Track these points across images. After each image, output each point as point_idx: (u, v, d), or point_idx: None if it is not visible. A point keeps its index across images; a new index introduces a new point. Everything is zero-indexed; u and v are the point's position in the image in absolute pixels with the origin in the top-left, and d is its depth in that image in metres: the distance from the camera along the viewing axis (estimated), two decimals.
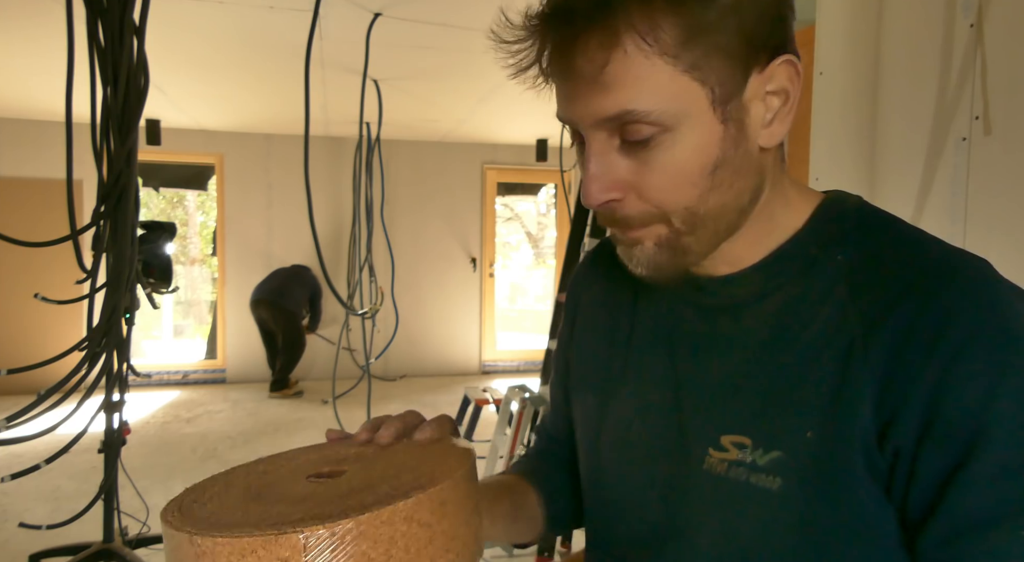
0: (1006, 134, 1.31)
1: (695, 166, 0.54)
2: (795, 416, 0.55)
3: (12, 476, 2.13)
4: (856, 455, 0.52)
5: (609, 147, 0.55)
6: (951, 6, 1.42)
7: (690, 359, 0.63)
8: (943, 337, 0.49)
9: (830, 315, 0.55)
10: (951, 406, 0.49)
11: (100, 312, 2.23)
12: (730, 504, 0.57)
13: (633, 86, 0.52)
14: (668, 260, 0.58)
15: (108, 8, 2.06)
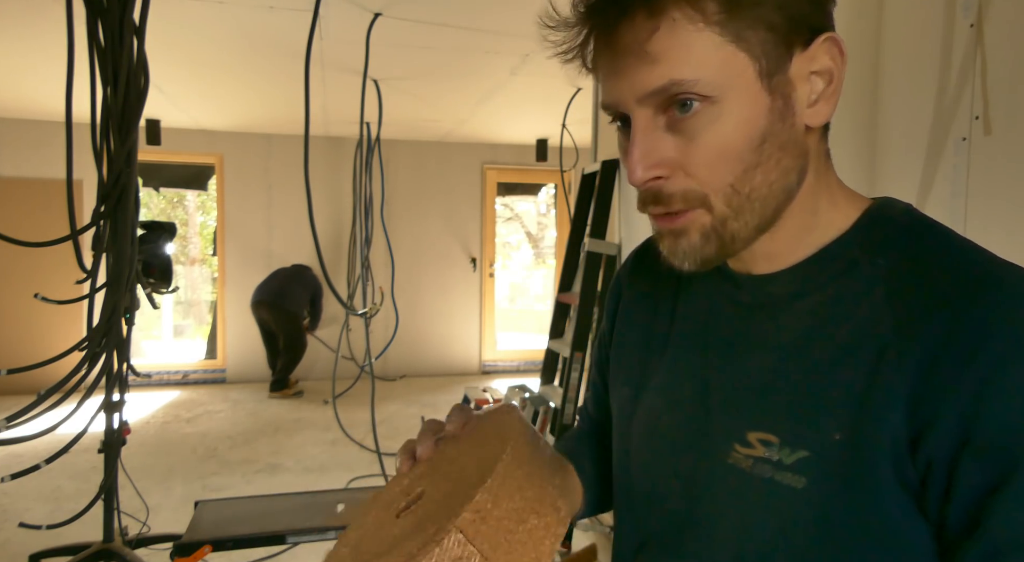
0: (1006, 134, 1.31)
1: (742, 139, 0.54)
2: (824, 417, 0.54)
3: (12, 476, 2.13)
4: (884, 462, 0.51)
5: (655, 125, 0.55)
6: (951, 6, 1.42)
7: (723, 355, 0.63)
8: (983, 348, 0.48)
9: (865, 317, 0.55)
10: (991, 420, 0.47)
11: (100, 312, 2.23)
12: (752, 499, 0.57)
13: (680, 55, 0.52)
14: (715, 252, 0.57)
15: (108, 8, 2.06)
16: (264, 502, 2.57)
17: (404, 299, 6.43)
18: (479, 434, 0.63)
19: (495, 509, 0.51)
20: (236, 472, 4.15)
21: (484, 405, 4.14)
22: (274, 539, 2.27)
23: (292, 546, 2.44)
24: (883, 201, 0.61)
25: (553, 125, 5.41)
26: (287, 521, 2.34)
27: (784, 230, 0.60)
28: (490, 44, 3.63)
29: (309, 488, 3.61)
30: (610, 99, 0.56)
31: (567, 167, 6.04)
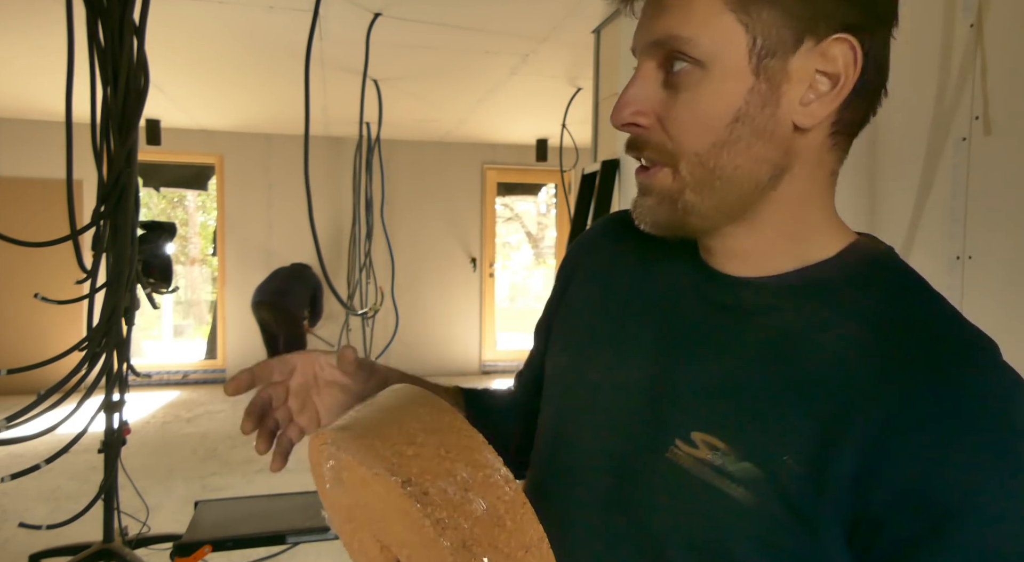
0: (1006, 134, 1.31)
1: (715, 111, 0.54)
2: (778, 437, 0.53)
3: (12, 476, 2.13)
4: (834, 500, 0.51)
5: (653, 76, 0.57)
6: (951, 6, 1.42)
7: (682, 347, 0.61)
8: (948, 414, 0.49)
9: (843, 356, 0.53)
10: (934, 480, 0.48)
11: (100, 312, 2.23)
12: (688, 497, 0.56)
13: (683, 11, 0.53)
14: (666, 217, 0.58)
15: (108, 8, 2.06)
16: (264, 502, 2.57)
17: (404, 299, 6.42)
18: None
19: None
20: (236, 472, 4.15)
21: None
22: (274, 539, 2.27)
23: (292, 546, 2.44)
24: (868, 238, 0.62)
25: (553, 125, 5.41)
26: (287, 521, 2.34)
27: (763, 231, 0.59)
28: (490, 44, 3.63)
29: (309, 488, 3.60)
30: (634, 41, 0.58)
31: (567, 167, 6.04)
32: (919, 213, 1.51)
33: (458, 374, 6.96)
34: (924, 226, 1.50)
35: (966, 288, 1.39)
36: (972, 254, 1.38)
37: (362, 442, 0.53)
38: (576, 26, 3.41)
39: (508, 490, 0.52)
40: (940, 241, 1.45)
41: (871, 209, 1.65)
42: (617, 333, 0.67)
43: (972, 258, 1.38)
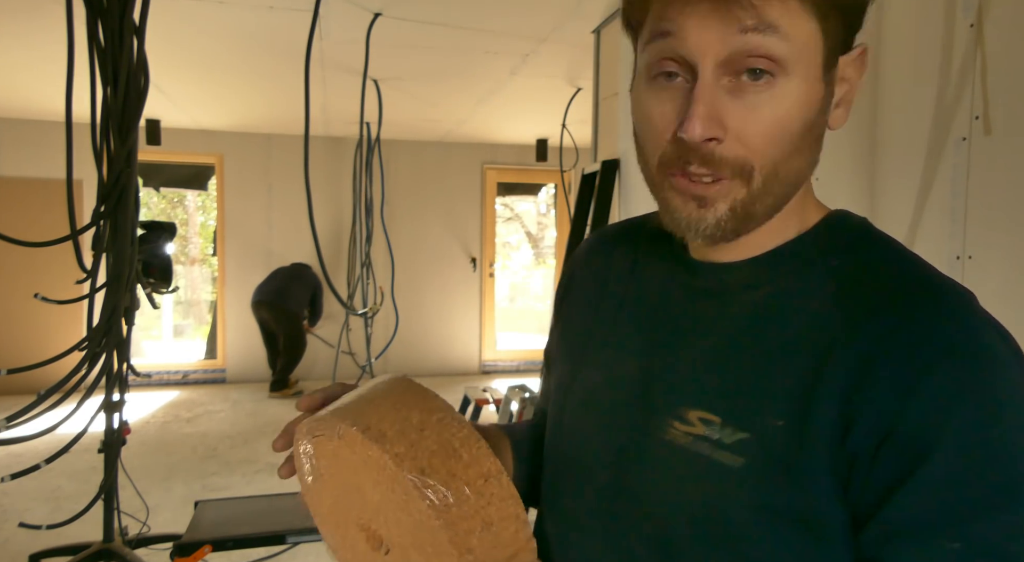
0: (1006, 134, 1.31)
1: (798, 119, 0.54)
2: (768, 402, 0.55)
3: (12, 476, 2.13)
4: (820, 451, 0.53)
5: (720, 86, 0.53)
6: (951, 6, 1.42)
7: (669, 335, 0.63)
8: (917, 351, 0.51)
9: (815, 313, 0.56)
10: (912, 416, 0.50)
11: (100, 312, 2.23)
12: (687, 474, 0.58)
13: (778, 22, 0.51)
14: (733, 228, 0.57)
15: (108, 8, 2.06)
16: (264, 502, 2.57)
17: (404, 299, 6.42)
18: None
19: None
20: (236, 472, 4.15)
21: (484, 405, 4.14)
22: (274, 539, 2.27)
23: (292, 546, 2.45)
24: (841, 211, 0.64)
25: (553, 125, 5.41)
26: (287, 521, 2.34)
27: (771, 221, 0.60)
28: (490, 44, 3.63)
29: None
30: (683, 47, 0.53)
31: (567, 167, 6.04)
32: (919, 213, 1.51)
33: (458, 374, 6.96)
34: (924, 226, 1.50)
35: None
36: (972, 254, 1.38)
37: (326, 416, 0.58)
38: (576, 26, 3.41)
39: (461, 428, 0.55)
40: (940, 241, 1.45)
41: (871, 209, 1.65)
42: (610, 335, 0.69)
43: (972, 258, 1.38)
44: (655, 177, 0.58)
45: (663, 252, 0.68)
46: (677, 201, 0.57)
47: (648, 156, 0.58)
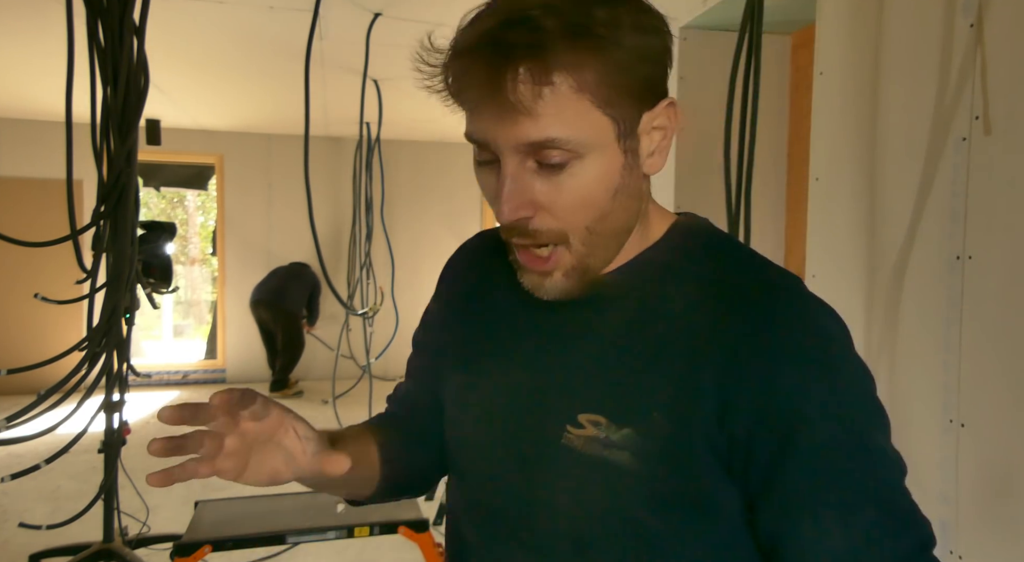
0: (1006, 134, 1.31)
1: (600, 190, 0.62)
2: (645, 398, 0.62)
3: (12, 476, 2.13)
4: (698, 437, 0.60)
5: (523, 169, 0.61)
6: (951, 6, 1.42)
7: (555, 345, 0.70)
8: (771, 341, 0.60)
9: (682, 314, 0.64)
10: (776, 395, 0.59)
11: (100, 312, 2.23)
12: (586, 476, 0.64)
13: (559, 117, 0.58)
14: (576, 285, 0.66)
15: (108, 8, 2.06)
16: (264, 502, 2.57)
17: (404, 299, 6.42)
18: None
19: None
20: None
21: None
22: (274, 539, 2.27)
23: (292, 546, 2.44)
24: (687, 215, 0.73)
25: None
26: (287, 521, 2.34)
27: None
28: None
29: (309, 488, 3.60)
30: (481, 138, 0.62)
31: None
32: (919, 213, 1.51)
33: None
34: (924, 226, 1.50)
35: (966, 288, 1.39)
36: (972, 254, 1.38)
37: None
38: None
39: None
40: (940, 241, 1.45)
41: (871, 209, 1.65)
42: (499, 347, 0.74)
43: (972, 258, 1.38)
44: (505, 241, 0.67)
45: None
46: (523, 268, 0.67)
47: (495, 217, 0.65)
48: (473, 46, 0.59)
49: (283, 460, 0.65)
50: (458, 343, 0.79)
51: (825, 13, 1.83)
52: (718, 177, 1.88)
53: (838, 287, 1.76)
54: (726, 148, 1.79)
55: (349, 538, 2.27)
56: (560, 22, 0.57)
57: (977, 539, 1.37)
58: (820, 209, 1.84)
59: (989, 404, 1.35)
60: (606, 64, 0.58)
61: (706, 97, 2.63)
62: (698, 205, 2.67)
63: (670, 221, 0.72)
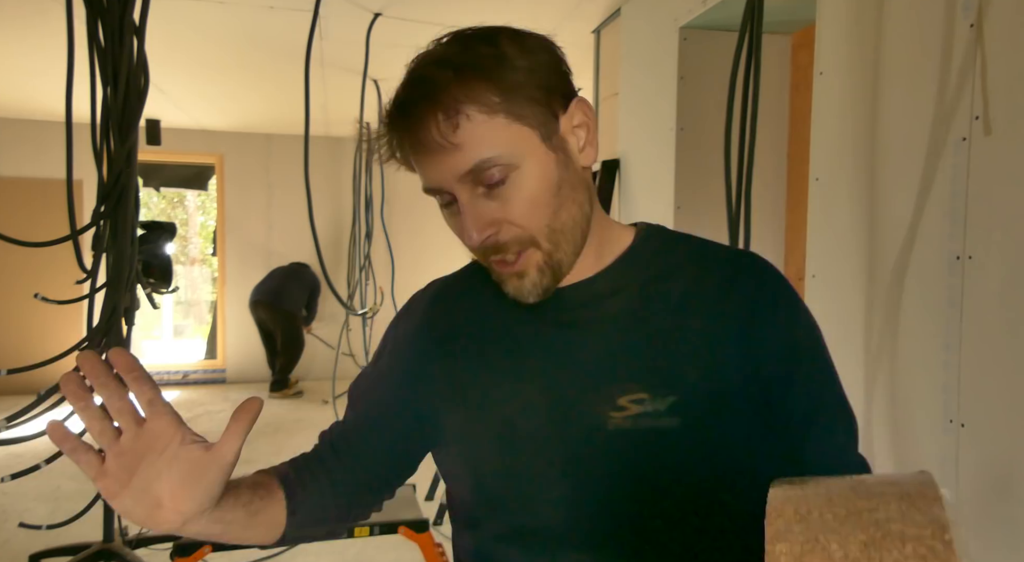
0: (1006, 134, 1.31)
1: (544, 190, 0.70)
2: (680, 364, 0.70)
3: (12, 476, 2.13)
4: (734, 387, 0.70)
5: (475, 196, 0.70)
6: (951, 6, 1.42)
7: (558, 350, 0.75)
8: (780, 298, 0.74)
9: (686, 288, 0.74)
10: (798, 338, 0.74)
11: (100, 312, 2.23)
12: (643, 451, 0.69)
13: (480, 141, 0.67)
14: (550, 280, 0.73)
15: (108, 8, 2.06)
16: None
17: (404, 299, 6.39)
18: None
19: None
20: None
21: None
22: None
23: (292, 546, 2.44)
24: (643, 222, 0.83)
25: None
26: None
27: (587, 252, 0.76)
28: None
29: None
30: (434, 184, 0.71)
31: None
32: (919, 213, 1.51)
33: None
34: (924, 226, 1.50)
35: (966, 288, 1.39)
36: (972, 254, 1.38)
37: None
38: (576, 26, 3.41)
39: None
40: (940, 241, 1.45)
41: (871, 209, 1.65)
42: (502, 372, 0.77)
43: (972, 258, 1.38)
44: (486, 265, 0.75)
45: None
46: (503, 281, 0.74)
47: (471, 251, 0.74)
48: (396, 116, 0.70)
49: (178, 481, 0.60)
50: (453, 382, 0.79)
51: (825, 13, 1.83)
52: (718, 177, 1.88)
53: (838, 287, 1.76)
54: (726, 148, 1.79)
55: (349, 538, 2.27)
56: (451, 69, 0.68)
57: (977, 539, 1.37)
58: (820, 209, 1.84)
59: (989, 404, 1.35)
60: (502, 86, 0.68)
61: (706, 97, 2.63)
62: (698, 205, 2.67)
63: (632, 230, 0.82)
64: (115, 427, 0.61)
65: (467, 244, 0.71)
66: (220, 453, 0.62)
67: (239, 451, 0.63)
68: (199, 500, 0.62)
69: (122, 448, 0.60)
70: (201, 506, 0.62)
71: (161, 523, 0.62)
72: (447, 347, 0.81)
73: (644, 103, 2.97)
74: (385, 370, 0.85)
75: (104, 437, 0.60)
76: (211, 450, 0.62)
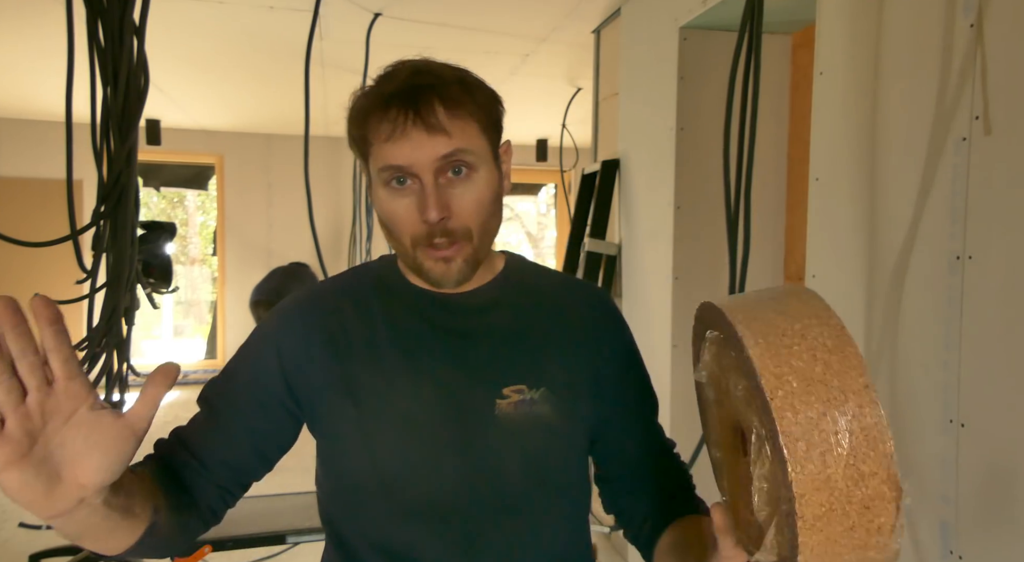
0: (1006, 134, 1.31)
1: (489, 196, 0.84)
2: (547, 363, 0.89)
3: None
4: (584, 382, 0.91)
5: (439, 183, 0.80)
6: (951, 6, 1.42)
7: (451, 354, 0.88)
8: (609, 312, 0.98)
9: (551, 307, 0.94)
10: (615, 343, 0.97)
11: (100, 312, 2.23)
12: (524, 430, 0.86)
13: (464, 133, 0.80)
14: (468, 273, 0.84)
15: (108, 8, 2.06)
16: (264, 502, 2.57)
17: None
18: None
19: None
20: None
21: None
22: (274, 539, 2.27)
23: (292, 546, 2.44)
24: (508, 252, 1.00)
25: (553, 125, 5.40)
26: (287, 521, 2.34)
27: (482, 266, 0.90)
28: (490, 44, 3.63)
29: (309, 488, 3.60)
30: (406, 162, 0.79)
31: (567, 167, 6.03)
32: (919, 213, 1.51)
33: None
34: (924, 226, 1.50)
35: (966, 288, 1.39)
36: (972, 254, 1.38)
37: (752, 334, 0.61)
38: (576, 26, 3.41)
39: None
40: (940, 241, 1.45)
41: (871, 209, 1.65)
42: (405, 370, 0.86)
43: (972, 258, 1.38)
44: (409, 250, 0.83)
45: (406, 299, 0.90)
46: (429, 263, 0.83)
47: (401, 237, 0.83)
48: (396, 93, 0.78)
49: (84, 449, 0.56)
50: (346, 380, 0.86)
51: (825, 13, 1.83)
52: (718, 177, 1.88)
53: (838, 287, 1.76)
54: (726, 148, 1.79)
55: None
56: (451, 74, 0.82)
57: (977, 539, 1.37)
58: (820, 209, 1.84)
59: (989, 404, 1.35)
60: (478, 101, 0.82)
61: (706, 97, 2.63)
62: (698, 205, 2.68)
63: (503, 257, 0.98)
64: (20, 387, 0.54)
65: (425, 219, 0.79)
66: (132, 420, 0.58)
67: (151, 419, 0.59)
68: (103, 472, 0.57)
69: (27, 410, 0.54)
70: (103, 480, 0.57)
71: (56, 501, 0.56)
72: (335, 348, 0.87)
73: (644, 103, 2.97)
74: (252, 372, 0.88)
75: (10, 397, 0.54)
76: (122, 417, 0.58)
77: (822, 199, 1.84)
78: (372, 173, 0.83)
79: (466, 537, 0.85)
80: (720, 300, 0.68)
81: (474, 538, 0.85)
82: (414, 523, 0.85)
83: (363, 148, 0.83)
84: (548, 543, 0.89)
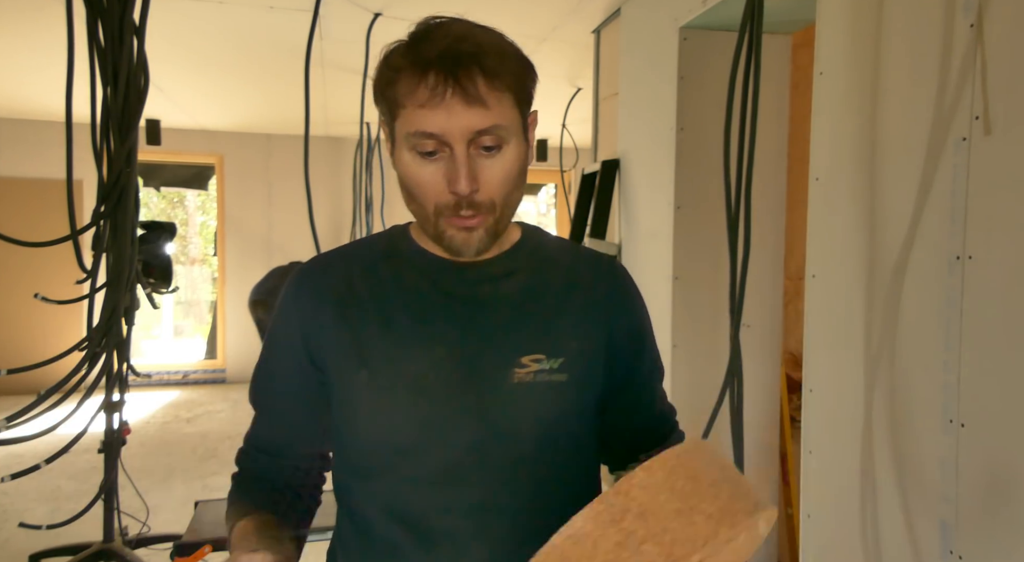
0: (1006, 134, 1.31)
1: (516, 170, 0.83)
2: (566, 333, 0.89)
3: (12, 476, 2.13)
4: (599, 353, 0.92)
5: (469, 155, 0.79)
6: (951, 6, 1.42)
7: (464, 319, 0.87)
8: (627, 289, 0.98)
9: (564, 278, 0.94)
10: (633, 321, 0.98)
11: (100, 312, 2.23)
12: (541, 399, 0.86)
13: (500, 107, 0.79)
14: (488, 244, 0.85)
15: (108, 8, 2.06)
16: None
17: None
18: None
19: None
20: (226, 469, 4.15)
21: None
22: None
23: None
24: (523, 222, 0.99)
25: (553, 125, 5.41)
26: None
27: None
28: None
29: None
30: (439, 130, 0.77)
31: (567, 167, 6.04)
32: (919, 213, 1.51)
33: None
34: (924, 226, 1.50)
35: (966, 288, 1.39)
36: (972, 254, 1.38)
37: None
38: (576, 26, 3.41)
39: None
40: (940, 241, 1.45)
41: (871, 209, 1.65)
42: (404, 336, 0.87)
43: (972, 258, 1.38)
44: (431, 217, 0.83)
45: (419, 265, 0.90)
46: (451, 231, 0.83)
47: (424, 203, 0.82)
48: (435, 58, 0.77)
49: None
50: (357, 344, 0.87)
51: (825, 13, 1.83)
52: (718, 177, 1.88)
53: (838, 287, 1.76)
54: (726, 148, 1.79)
55: None
56: (490, 41, 0.80)
57: (977, 539, 1.37)
58: (820, 209, 1.84)
59: (989, 404, 1.35)
60: (515, 73, 0.80)
61: (706, 97, 2.63)
62: (698, 205, 2.68)
63: (519, 227, 0.97)
64: None
65: (454, 190, 0.79)
66: None
67: None
68: None
69: None
70: None
71: None
72: (344, 312, 0.88)
73: (644, 103, 2.97)
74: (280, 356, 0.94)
75: None
76: None
77: (822, 199, 1.84)
78: (398, 135, 0.81)
79: (480, 502, 0.86)
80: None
81: (487, 503, 0.86)
82: (427, 489, 0.86)
83: (392, 108, 0.81)
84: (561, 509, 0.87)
